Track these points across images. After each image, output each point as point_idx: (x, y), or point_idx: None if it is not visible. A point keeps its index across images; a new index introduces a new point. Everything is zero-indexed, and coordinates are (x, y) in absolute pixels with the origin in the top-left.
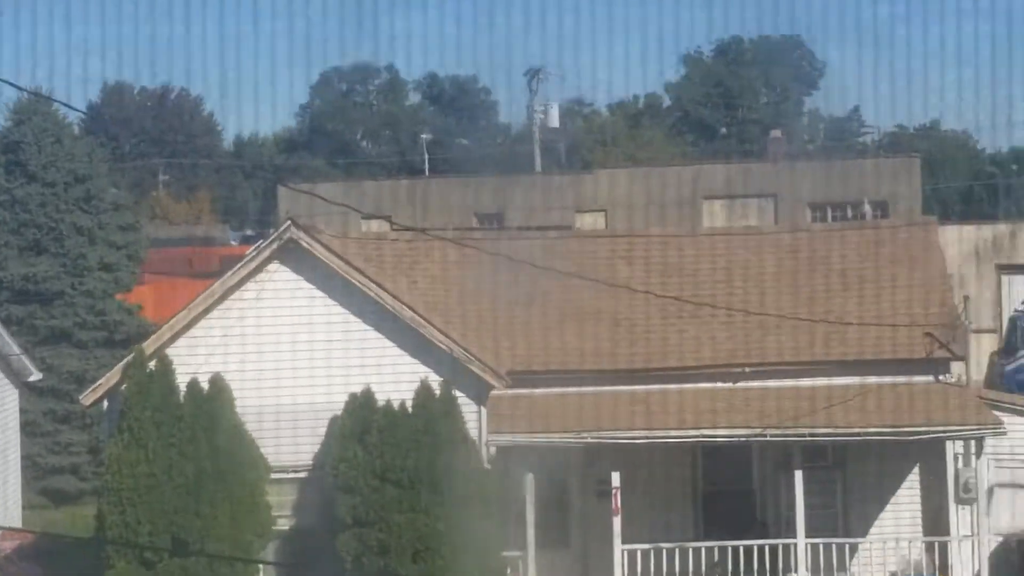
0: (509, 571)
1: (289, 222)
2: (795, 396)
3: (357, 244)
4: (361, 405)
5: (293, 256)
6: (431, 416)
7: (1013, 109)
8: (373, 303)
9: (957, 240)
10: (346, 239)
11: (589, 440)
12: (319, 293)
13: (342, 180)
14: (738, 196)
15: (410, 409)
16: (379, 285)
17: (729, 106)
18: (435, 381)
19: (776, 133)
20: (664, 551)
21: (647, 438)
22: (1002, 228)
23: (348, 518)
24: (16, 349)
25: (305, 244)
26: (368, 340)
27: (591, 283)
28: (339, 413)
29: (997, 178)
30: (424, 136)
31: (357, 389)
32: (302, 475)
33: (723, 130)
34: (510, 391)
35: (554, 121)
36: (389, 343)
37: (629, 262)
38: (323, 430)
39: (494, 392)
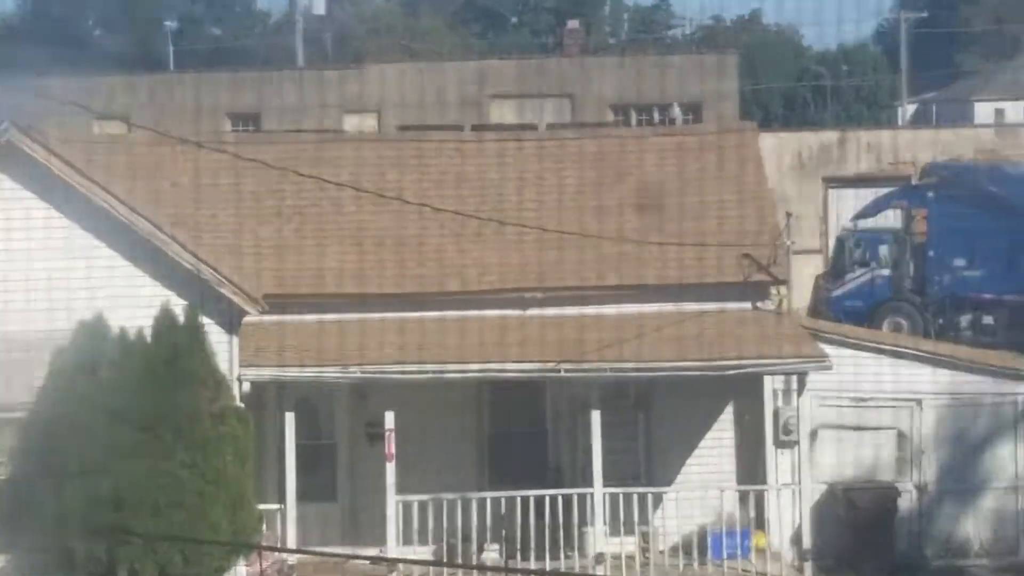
0: (265, 526)
1: (7, 123)
2: (594, 326)
3: (88, 148)
4: (91, 334)
5: (11, 162)
6: (173, 347)
7: (842, 1)
8: (105, 215)
9: (778, 149)
10: (75, 143)
11: (357, 375)
12: (41, 204)
13: (71, 75)
14: (530, 96)
15: (149, 339)
16: (111, 194)
17: None
18: (179, 306)
19: (573, 24)
20: (444, 502)
21: (424, 373)
22: (829, 136)
23: (75, 466)
24: None
25: (27, 148)
26: (99, 258)
27: (361, 195)
28: (65, 343)
29: (825, 79)
30: (168, 24)
31: (87, 315)
32: (18, 415)
33: (513, 19)
34: (268, 318)
35: (319, 7)
36: (124, 261)
37: (403, 170)
38: (45, 363)
39: (249, 319)
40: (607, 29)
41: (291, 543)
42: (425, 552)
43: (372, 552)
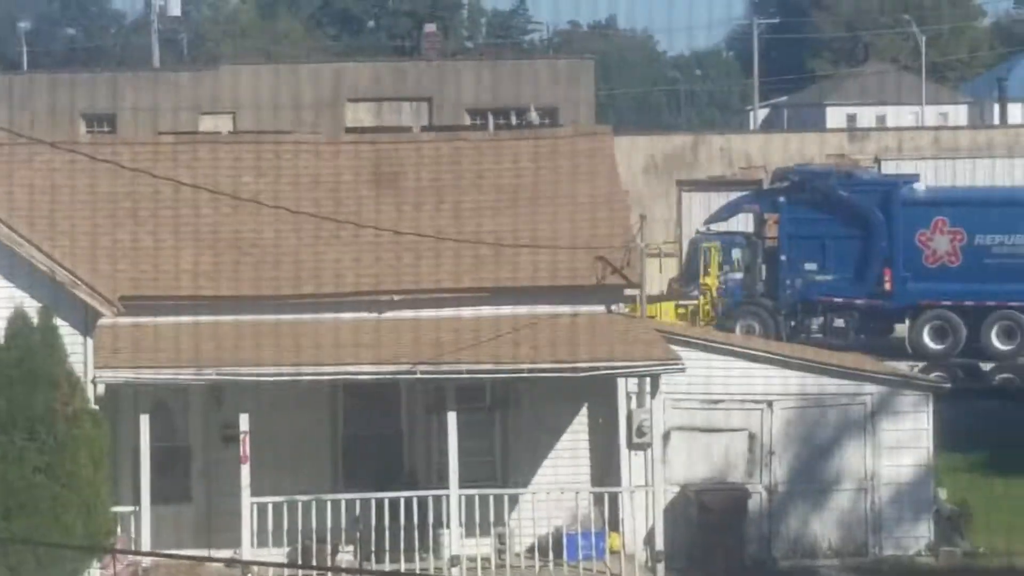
0: (120, 529)
1: None
2: (450, 328)
3: None
4: None
5: None
6: (27, 349)
7: (695, 7)
8: None
9: (632, 152)
10: None
11: (213, 377)
12: None
13: None
14: (388, 98)
15: (1, 340)
16: None
17: None
18: (33, 308)
19: (431, 27)
20: (299, 504)
21: (279, 375)
22: (683, 140)
23: None
24: None
25: None
26: None
27: (217, 197)
28: None
29: (679, 84)
30: (22, 24)
31: None
32: None
33: (371, 23)
34: (124, 320)
35: (175, 9)
36: None
37: (259, 172)
38: None
39: (104, 321)
40: (465, 33)
41: (146, 545)
42: (280, 554)
43: (227, 553)
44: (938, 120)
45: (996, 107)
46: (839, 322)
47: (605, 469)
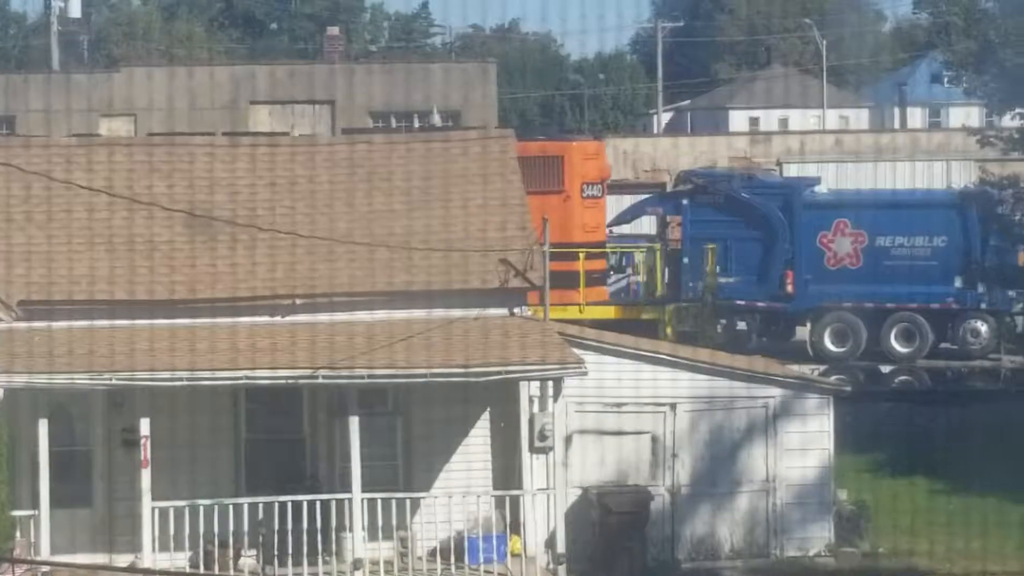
0: (19, 533)
1: None
2: (352, 332)
3: None
4: None
5: None
6: None
7: (600, 11)
8: None
9: None
10: None
11: (112, 382)
12: None
13: None
14: (290, 101)
15: None
16: None
17: None
18: None
19: (333, 31)
20: (201, 508)
21: (179, 380)
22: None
23: None
24: None
25: None
26: None
27: (115, 201)
28: None
29: (582, 87)
30: None
31: None
32: None
33: (273, 25)
34: (21, 325)
35: (75, 10)
36: None
37: (160, 176)
38: None
39: (0, 326)
40: (367, 36)
41: (45, 549)
42: (182, 558)
43: (128, 558)
44: (839, 123)
45: (896, 110)
46: (742, 325)
47: (507, 472)
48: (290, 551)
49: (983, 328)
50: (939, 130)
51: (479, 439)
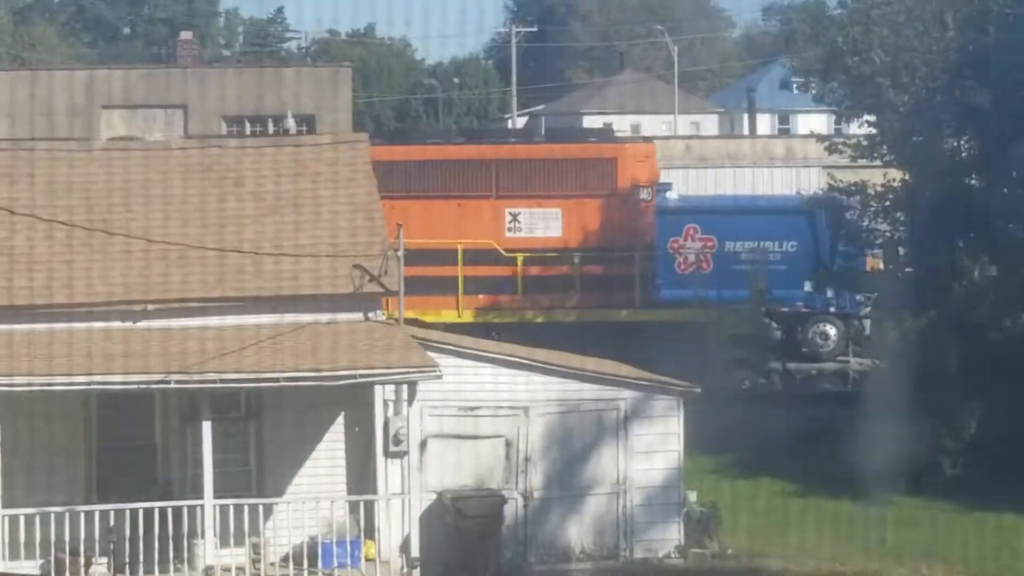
0: None
1: None
2: (205, 338)
3: None
4: None
5: None
6: None
7: (455, 16)
8: None
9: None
10: None
11: None
12: None
13: None
14: (142, 105)
15: None
16: None
17: (133, 2)
18: None
19: (187, 35)
20: (52, 516)
21: (29, 386)
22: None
23: None
24: None
25: None
26: None
27: None
28: None
29: (437, 92)
30: None
31: None
32: None
33: (126, 30)
34: None
35: None
36: None
37: (11, 180)
38: None
39: None
40: (222, 41)
41: None
42: (33, 566)
43: None
44: (690, 129)
45: (746, 116)
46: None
47: (362, 477)
48: (141, 558)
49: (832, 331)
50: (788, 136)
51: (334, 444)
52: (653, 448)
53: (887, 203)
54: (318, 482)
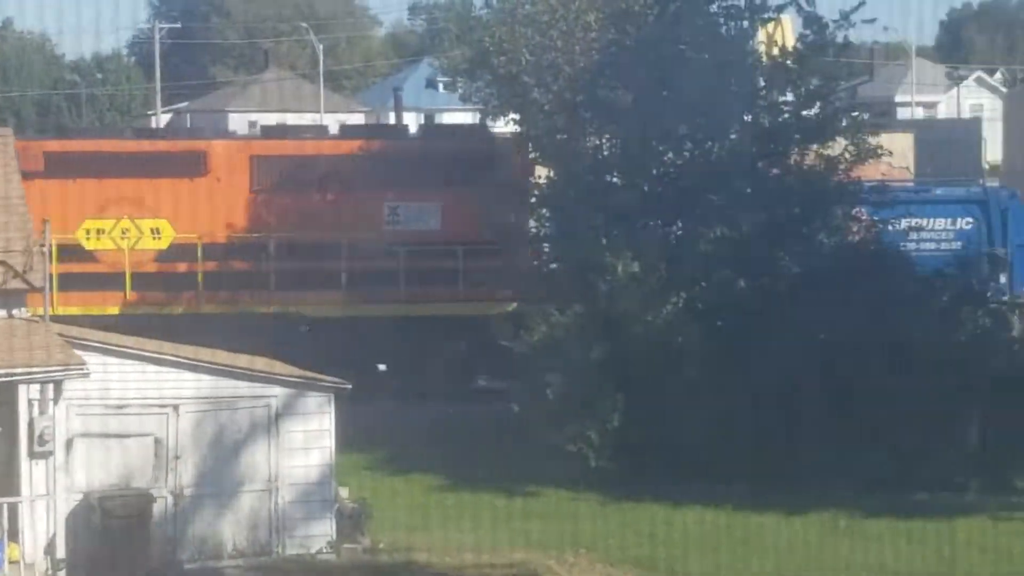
0: None
1: None
2: None
3: None
4: None
5: None
6: None
7: (96, 11)
8: None
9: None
10: None
11: None
12: None
13: None
14: None
15: None
16: None
17: None
18: None
19: None
20: None
21: None
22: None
23: None
24: None
25: None
26: None
27: None
28: None
29: (80, 87)
30: None
31: None
32: None
33: None
34: None
35: None
36: None
37: None
38: None
39: None
40: None
41: None
42: None
43: None
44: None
45: (392, 115)
46: None
47: (5, 479)
48: None
49: None
50: None
51: None
52: (305, 444)
53: (533, 200)
54: None
